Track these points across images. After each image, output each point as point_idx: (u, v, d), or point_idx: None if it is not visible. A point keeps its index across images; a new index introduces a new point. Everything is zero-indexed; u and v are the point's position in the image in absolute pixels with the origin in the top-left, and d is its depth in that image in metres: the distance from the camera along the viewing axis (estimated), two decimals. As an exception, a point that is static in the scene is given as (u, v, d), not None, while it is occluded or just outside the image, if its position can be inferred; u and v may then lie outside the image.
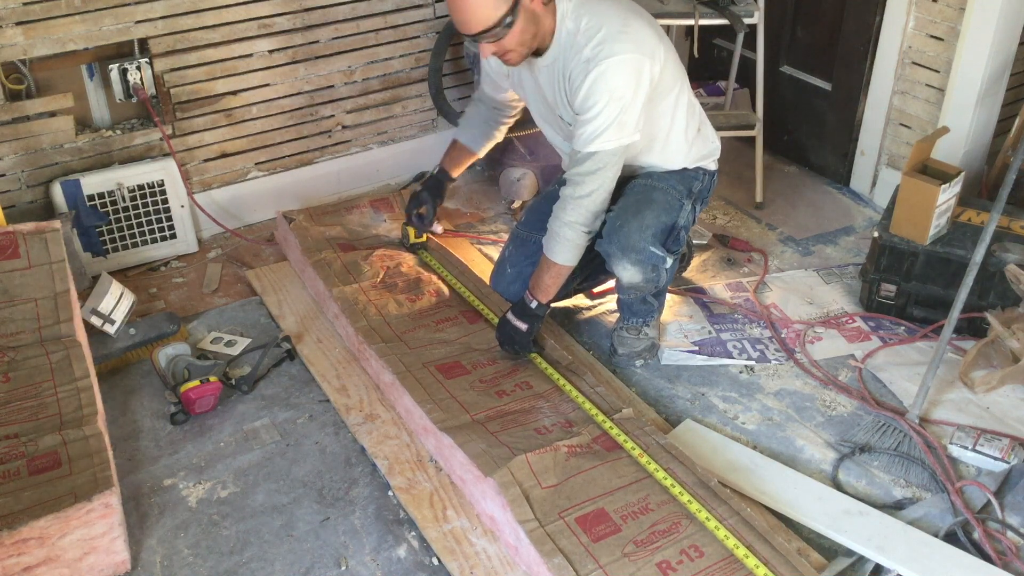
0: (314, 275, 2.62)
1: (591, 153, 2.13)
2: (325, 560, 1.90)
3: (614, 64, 2.06)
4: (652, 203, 2.27)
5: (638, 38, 2.10)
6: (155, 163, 2.79)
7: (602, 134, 2.11)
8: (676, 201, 2.31)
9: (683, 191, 2.33)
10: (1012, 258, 2.41)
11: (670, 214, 2.29)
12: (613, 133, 2.11)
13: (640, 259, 2.24)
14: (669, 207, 2.29)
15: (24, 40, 2.52)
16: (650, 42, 2.13)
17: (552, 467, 1.94)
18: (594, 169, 2.15)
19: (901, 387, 2.35)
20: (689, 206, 2.34)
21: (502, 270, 2.59)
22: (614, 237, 2.24)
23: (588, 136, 2.12)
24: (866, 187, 3.24)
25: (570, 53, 2.12)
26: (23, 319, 2.19)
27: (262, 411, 2.29)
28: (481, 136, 2.60)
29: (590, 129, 2.11)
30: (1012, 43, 2.77)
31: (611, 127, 2.10)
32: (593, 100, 2.08)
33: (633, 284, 2.30)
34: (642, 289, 2.33)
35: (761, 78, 3.08)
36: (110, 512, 1.79)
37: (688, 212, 2.34)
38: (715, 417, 2.29)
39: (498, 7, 2.00)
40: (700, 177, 2.38)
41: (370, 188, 3.28)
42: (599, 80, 2.06)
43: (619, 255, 2.24)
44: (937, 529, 1.94)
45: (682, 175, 2.35)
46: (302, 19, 2.91)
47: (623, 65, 2.07)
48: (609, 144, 2.12)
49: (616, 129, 2.11)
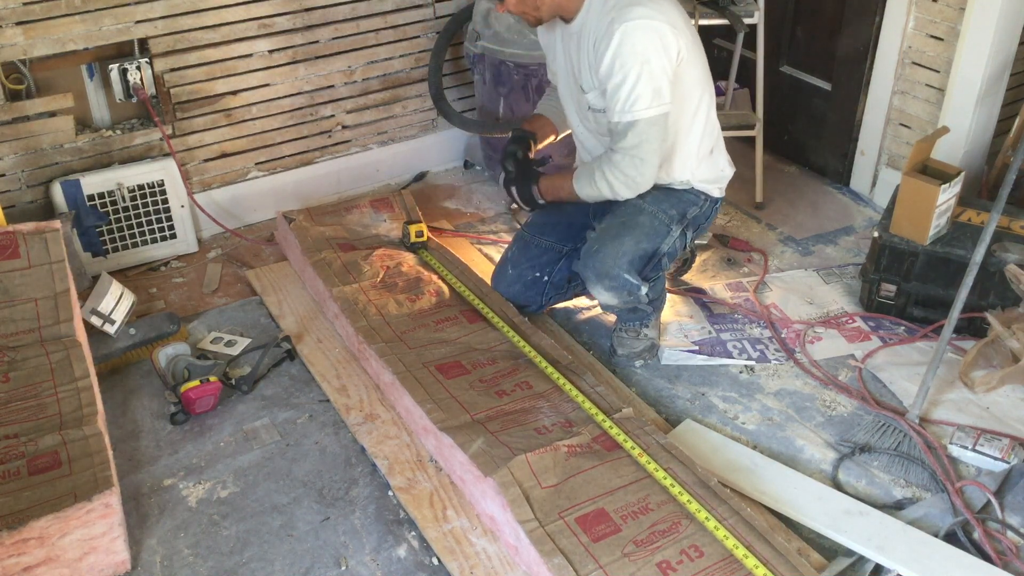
0: (314, 275, 2.62)
1: (631, 123, 2.08)
2: (325, 560, 1.90)
3: (639, 26, 2.03)
4: (635, 227, 2.24)
5: (663, 7, 2.09)
6: (155, 163, 2.80)
7: (637, 100, 2.06)
8: (663, 227, 2.27)
9: (673, 216, 2.28)
10: (1012, 258, 2.41)
11: (652, 240, 2.25)
12: (650, 100, 2.06)
13: (614, 286, 2.23)
14: (654, 233, 2.25)
15: (24, 40, 2.52)
16: (673, 15, 2.11)
17: (552, 467, 1.94)
18: (637, 142, 2.09)
19: (901, 387, 2.35)
20: (678, 232, 2.30)
21: (504, 271, 2.58)
22: (589, 261, 2.23)
23: (622, 103, 2.07)
24: (866, 187, 3.24)
25: (599, 17, 2.10)
26: (23, 319, 2.19)
27: (262, 411, 2.29)
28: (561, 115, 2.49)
29: (623, 95, 2.06)
30: (1012, 43, 2.77)
31: (645, 93, 2.05)
32: (620, 62, 2.04)
33: (610, 306, 2.31)
34: (623, 307, 2.33)
35: (761, 78, 3.08)
36: (110, 512, 1.79)
37: (675, 239, 2.30)
38: (715, 417, 2.29)
39: None
40: (699, 202, 2.34)
41: (370, 188, 3.28)
42: (624, 42, 2.03)
43: (593, 280, 2.24)
44: (937, 529, 1.94)
45: (679, 198, 2.31)
46: (302, 19, 2.91)
47: (647, 29, 2.04)
48: (648, 111, 2.06)
49: (652, 95, 2.06)
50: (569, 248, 2.49)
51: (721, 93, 3.56)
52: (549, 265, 2.49)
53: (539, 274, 2.50)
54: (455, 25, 3.12)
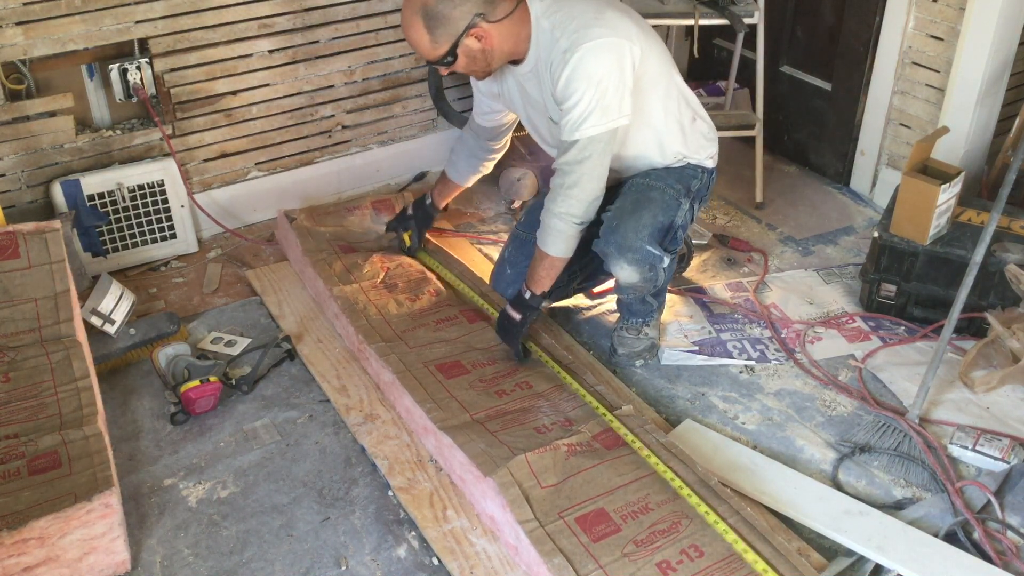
0: (314, 275, 2.62)
1: (575, 141, 2.11)
2: (325, 560, 1.90)
3: (591, 48, 2.05)
4: (649, 202, 2.26)
5: (612, 23, 2.10)
6: (155, 163, 2.79)
7: (585, 120, 2.08)
8: (673, 200, 2.30)
9: (681, 190, 2.31)
10: (1012, 258, 2.41)
11: (667, 213, 2.28)
12: (597, 118, 2.08)
13: (637, 258, 2.24)
14: (666, 206, 2.28)
15: (24, 40, 2.52)
16: (625, 27, 2.12)
17: (552, 466, 1.94)
18: (581, 158, 2.12)
19: (901, 387, 2.35)
20: (687, 205, 2.33)
21: (502, 270, 2.59)
22: (611, 237, 2.24)
23: (572, 124, 2.10)
24: (866, 187, 3.24)
25: (550, 48, 2.12)
26: (23, 319, 2.19)
27: (262, 411, 2.29)
28: (468, 170, 2.64)
29: (573, 116, 2.09)
30: (1012, 43, 2.77)
31: (593, 112, 2.08)
32: (573, 87, 2.06)
33: (631, 284, 2.30)
34: (640, 289, 2.32)
35: (761, 78, 3.08)
36: (110, 512, 1.79)
37: (686, 211, 2.33)
38: (715, 417, 2.29)
39: (436, 48, 2.07)
40: (698, 175, 2.37)
41: (370, 188, 3.28)
42: (578, 66, 2.05)
43: (616, 255, 2.24)
44: (937, 529, 1.94)
45: (680, 173, 2.34)
46: (302, 19, 2.91)
47: (600, 49, 2.05)
48: (593, 130, 2.09)
49: (599, 114, 2.08)
50: None
51: (721, 93, 3.57)
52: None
53: None
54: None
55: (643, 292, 2.35)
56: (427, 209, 2.73)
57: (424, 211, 2.73)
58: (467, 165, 2.63)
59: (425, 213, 2.73)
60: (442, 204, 2.73)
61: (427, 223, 2.76)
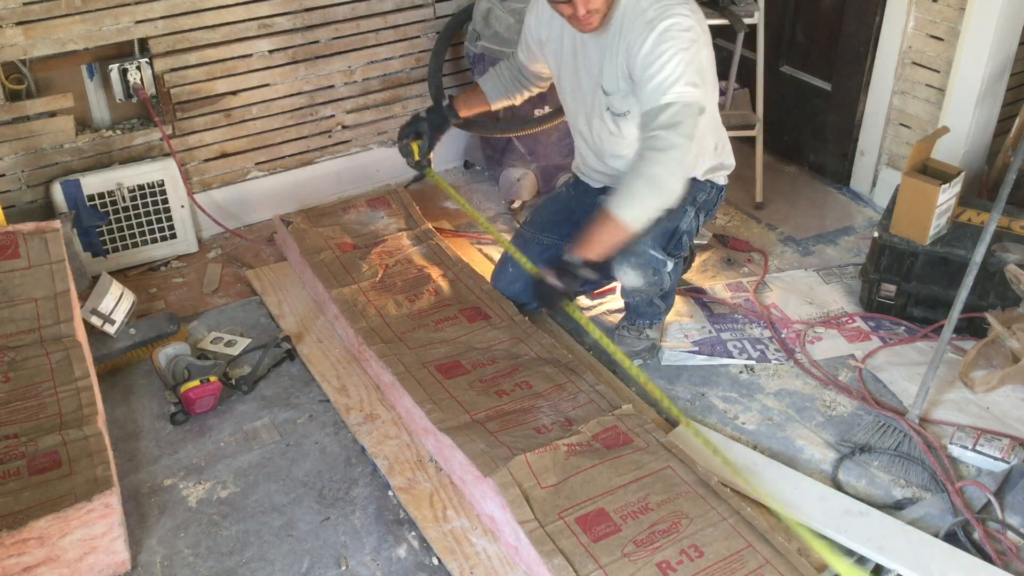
0: (313, 277, 2.62)
1: (667, 104, 2.03)
2: (325, 560, 1.90)
3: (680, 22, 2.04)
4: None
5: (697, 13, 2.11)
6: (155, 163, 2.79)
7: (675, 83, 2.02)
8: (679, 207, 2.29)
9: (688, 198, 2.30)
10: (1012, 258, 2.41)
11: (672, 219, 2.27)
12: (688, 82, 2.02)
13: (640, 263, 2.23)
14: (671, 212, 2.27)
15: (24, 40, 2.52)
16: (704, 23, 2.14)
17: (552, 466, 1.94)
18: (672, 122, 2.01)
19: (901, 387, 2.35)
20: (692, 212, 2.32)
21: (504, 269, 2.59)
22: None
23: (658, 86, 2.03)
24: (866, 187, 3.24)
25: (632, 17, 2.10)
26: (23, 319, 2.19)
27: (262, 411, 2.29)
28: (502, 90, 2.54)
29: (660, 78, 2.02)
30: (1012, 43, 2.77)
31: (683, 76, 2.02)
32: (660, 51, 2.02)
33: (635, 287, 2.30)
34: (645, 293, 2.32)
35: (761, 78, 3.08)
36: (110, 512, 1.79)
37: (691, 218, 2.32)
38: (715, 417, 2.29)
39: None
40: (707, 188, 2.36)
41: (370, 188, 3.28)
42: (665, 33, 2.03)
43: (619, 259, 2.23)
44: (937, 529, 1.94)
45: (691, 183, 2.32)
46: (302, 19, 2.91)
47: (686, 29, 2.05)
48: (685, 95, 2.02)
49: (690, 79, 2.02)
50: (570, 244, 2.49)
51: (721, 93, 3.57)
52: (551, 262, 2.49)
53: None
54: (455, 25, 3.12)
55: (649, 295, 2.34)
56: (444, 112, 2.52)
57: (440, 115, 2.52)
58: (503, 86, 2.53)
59: (441, 117, 2.51)
60: (463, 114, 2.55)
61: (441, 128, 2.52)
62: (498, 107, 2.58)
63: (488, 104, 2.57)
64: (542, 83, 2.54)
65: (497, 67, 2.58)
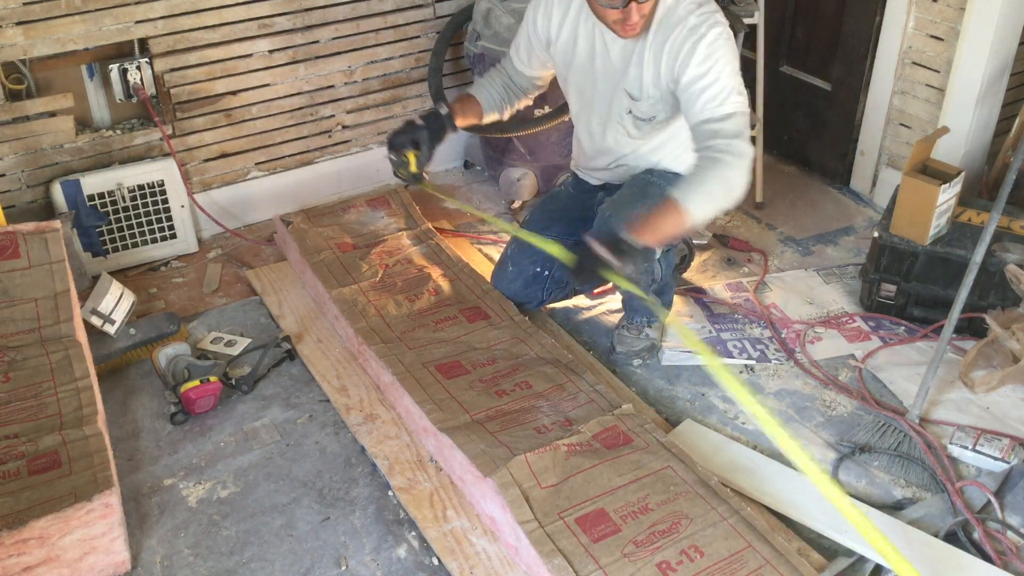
0: (313, 277, 2.62)
1: (729, 114, 2.05)
2: (325, 560, 1.90)
3: (723, 31, 2.08)
4: (646, 196, 2.25)
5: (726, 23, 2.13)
6: (155, 163, 2.79)
7: (731, 93, 2.06)
8: None
9: None
10: (1012, 258, 2.41)
11: None
12: (739, 92, 2.06)
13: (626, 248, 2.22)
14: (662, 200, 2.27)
15: (24, 40, 2.52)
16: None
17: (552, 466, 1.94)
18: (738, 131, 2.05)
19: (901, 387, 2.35)
20: None
21: (503, 269, 2.58)
22: (603, 227, 2.23)
23: (715, 96, 2.05)
24: (866, 187, 3.24)
25: (670, 24, 2.11)
26: (23, 319, 2.19)
27: (262, 411, 2.29)
28: (491, 104, 2.45)
29: (716, 89, 2.05)
30: (1012, 43, 2.77)
31: (736, 86, 2.06)
32: (712, 61, 2.05)
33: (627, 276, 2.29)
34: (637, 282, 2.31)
35: (761, 78, 3.08)
36: (110, 512, 1.79)
37: None
38: (715, 417, 2.29)
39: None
40: None
41: (370, 188, 3.28)
42: (714, 43, 2.05)
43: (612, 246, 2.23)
44: (937, 529, 1.94)
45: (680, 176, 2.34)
46: (302, 19, 2.91)
47: (729, 39, 2.09)
48: (740, 104, 2.06)
49: (740, 89, 2.07)
50: (570, 243, 2.49)
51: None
52: (551, 260, 2.48)
53: (540, 269, 2.50)
54: (455, 25, 3.12)
55: (641, 285, 2.33)
56: (443, 120, 2.35)
57: (440, 123, 2.34)
58: (497, 96, 2.45)
59: (439, 124, 2.34)
60: (460, 124, 2.41)
61: (439, 137, 2.34)
62: (488, 121, 2.48)
63: (482, 114, 2.47)
64: (535, 88, 2.51)
65: (487, 76, 2.52)
